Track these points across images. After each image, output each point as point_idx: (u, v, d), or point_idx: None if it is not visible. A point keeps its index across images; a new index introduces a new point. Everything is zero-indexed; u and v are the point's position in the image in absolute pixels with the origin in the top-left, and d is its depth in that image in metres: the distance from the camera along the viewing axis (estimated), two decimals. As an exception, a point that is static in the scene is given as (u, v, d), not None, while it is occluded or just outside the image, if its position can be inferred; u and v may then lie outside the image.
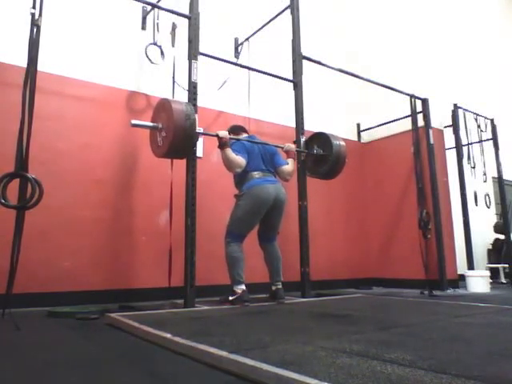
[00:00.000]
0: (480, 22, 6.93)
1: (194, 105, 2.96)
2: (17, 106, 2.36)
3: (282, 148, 3.38)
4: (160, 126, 2.82)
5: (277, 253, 3.20)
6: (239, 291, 2.92)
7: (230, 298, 2.93)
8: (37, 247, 2.94)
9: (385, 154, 5.19)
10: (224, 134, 3.01)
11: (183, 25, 3.31)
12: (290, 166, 3.31)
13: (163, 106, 2.83)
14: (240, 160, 3.01)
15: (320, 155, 3.58)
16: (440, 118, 5.02)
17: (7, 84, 3.02)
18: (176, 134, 2.66)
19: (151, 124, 2.89)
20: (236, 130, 3.37)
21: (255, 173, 3.08)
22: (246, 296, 2.89)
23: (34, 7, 2.46)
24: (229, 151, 2.98)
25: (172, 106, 2.69)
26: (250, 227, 3.11)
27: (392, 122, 4.99)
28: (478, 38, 6.77)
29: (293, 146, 3.45)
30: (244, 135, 3.34)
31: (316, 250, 3.83)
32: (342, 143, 3.56)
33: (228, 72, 4.07)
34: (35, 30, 2.46)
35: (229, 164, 3.01)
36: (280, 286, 3.13)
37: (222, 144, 2.98)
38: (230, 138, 3.07)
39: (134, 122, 2.85)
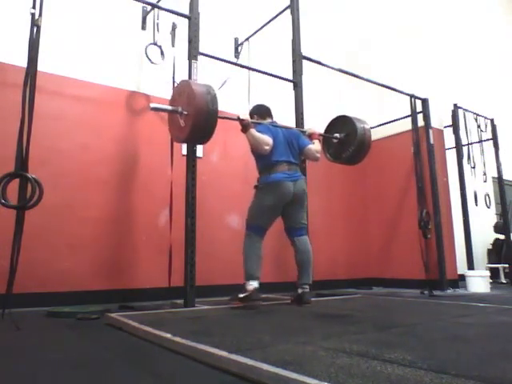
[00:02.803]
0: (480, 22, 6.94)
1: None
2: (17, 106, 2.36)
3: (305, 132, 3.26)
4: (180, 109, 2.65)
5: (303, 251, 2.99)
6: (251, 288, 2.73)
7: (240, 296, 2.74)
8: (37, 247, 2.94)
9: (385, 154, 5.19)
10: (245, 116, 2.87)
11: (183, 25, 3.31)
12: (316, 144, 3.18)
13: (183, 88, 2.69)
14: (267, 138, 2.87)
15: (343, 139, 3.42)
16: (440, 117, 5.02)
17: (7, 84, 3.02)
18: (198, 114, 2.51)
19: (171, 108, 2.73)
20: (261, 111, 3.17)
21: (279, 166, 2.92)
22: (257, 295, 2.72)
23: (34, 7, 2.46)
24: (253, 131, 2.84)
25: (192, 87, 2.57)
26: (269, 220, 2.95)
27: (392, 122, 4.99)
28: (478, 38, 6.78)
29: (315, 129, 3.30)
30: (268, 120, 3.14)
31: (316, 250, 3.81)
32: (367, 126, 3.40)
33: (228, 72, 4.07)
34: (35, 30, 2.45)
35: (256, 143, 2.86)
36: (307, 290, 2.95)
37: (245, 126, 2.84)
38: (252, 122, 2.91)
39: (152, 105, 2.72)
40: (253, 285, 2.76)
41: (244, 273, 2.84)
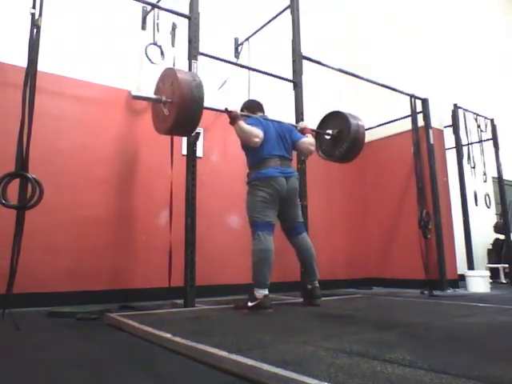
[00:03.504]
0: (480, 21, 6.94)
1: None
2: (17, 106, 2.36)
3: (296, 127, 3.15)
4: (164, 98, 2.54)
5: (305, 249, 2.89)
6: (261, 296, 2.57)
7: (250, 304, 2.58)
8: (37, 247, 2.94)
9: (385, 154, 5.19)
10: (233, 107, 2.78)
11: (183, 25, 3.31)
12: (309, 138, 3.06)
13: (167, 77, 2.60)
14: (257, 130, 2.73)
15: (336, 136, 3.33)
16: (440, 118, 5.02)
17: (7, 84, 3.02)
18: (182, 102, 2.41)
19: (154, 96, 2.63)
20: (251, 106, 3.07)
21: (271, 160, 2.77)
22: (268, 302, 2.58)
23: (34, 7, 2.46)
24: (241, 123, 2.71)
25: (177, 74, 2.46)
26: (272, 213, 2.76)
27: (392, 122, 4.99)
28: (478, 38, 6.78)
29: (307, 124, 3.21)
30: (259, 115, 3.02)
31: (316, 250, 3.82)
32: (361, 123, 3.31)
33: (228, 72, 4.07)
34: (35, 30, 2.45)
35: (245, 135, 2.72)
36: (317, 285, 2.85)
37: (233, 118, 2.72)
38: (241, 115, 2.81)
39: (134, 93, 2.61)
40: (263, 293, 2.59)
41: (253, 279, 2.64)
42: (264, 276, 2.61)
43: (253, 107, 3.07)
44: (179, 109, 2.43)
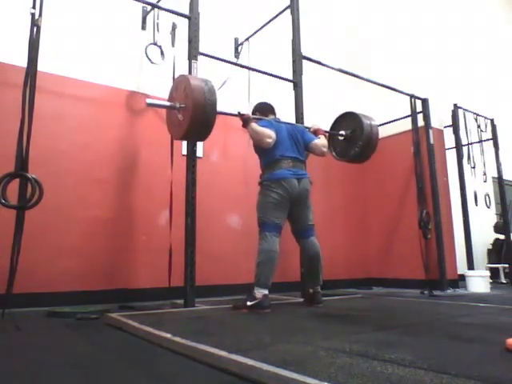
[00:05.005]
0: (480, 22, 6.94)
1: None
2: (17, 105, 2.36)
3: (309, 129, 3.16)
4: (178, 104, 2.59)
5: (313, 254, 2.89)
6: (260, 296, 2.59)
7: (249, 304, 2.58)
8: (37, 247, 2.94)
9: (385, 154, 5.18)
10: (245, 111, 2.86)
11: (183, 25, 3.31)
12: (322, 139, 3.08)
13: (180, 84, 2.65)
14: (269, 131, 2.78)
15: (350, 136, 3.37)
16: (440, 118, 5.02)
17: (7, 84, 3.02)
18: (196, 105, 2.44)
19: (168, 103, 2.68)
20: (263, 109, 3.11)
21: (284, 161, 2.81)
22: (267, 301, 2.59)
23: (34, 7, 2.46)
24: (254, 125, 2.78)
25: (190, 80, 2.52)
26: (281, 215, 2.78)
27: (392, 121, 4.99)
28: (478, 38, 6.78)
29: (319, 125, 3.21)
30: (271, 117, 3.05)
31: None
32: (374, 123, 3.36)
33: (228, 72, 4.07)
34: (35, 30, 2.45)
35: (258, 136, 2.77)
36: (319, 290, 2.89)
37: (245, 120, 2.79)
38: (253, 118, 2.86)
39: (149, 101, 2.64)
40: (262, 292, 2.61)
41: (255, 278, 2.65)
42: (266, 276, 2.64)
43: (264, 110, 3.10)
44: (193, 112, 2.45)
